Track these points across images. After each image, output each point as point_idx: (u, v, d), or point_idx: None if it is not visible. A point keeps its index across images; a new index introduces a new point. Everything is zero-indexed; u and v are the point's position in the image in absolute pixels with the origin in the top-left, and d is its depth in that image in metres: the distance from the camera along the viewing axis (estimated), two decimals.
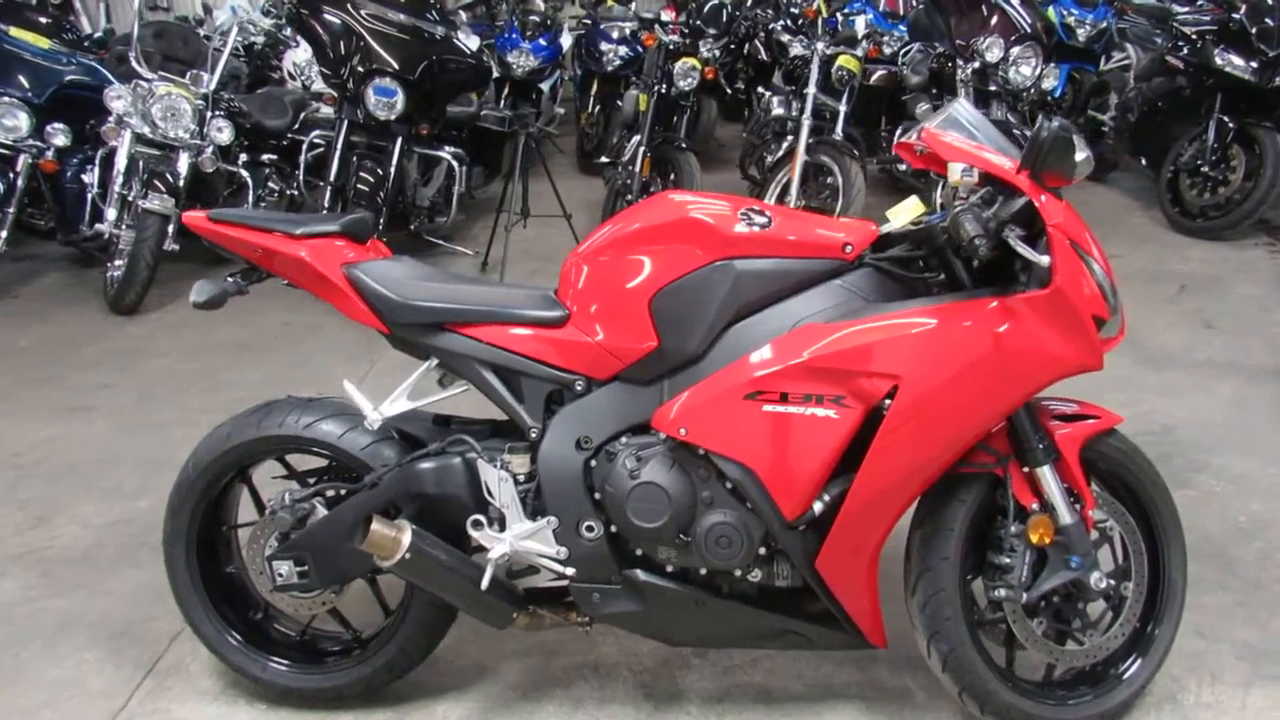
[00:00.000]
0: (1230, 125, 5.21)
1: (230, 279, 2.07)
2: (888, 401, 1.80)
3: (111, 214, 4.88)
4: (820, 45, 5.15)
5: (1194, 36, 5.49)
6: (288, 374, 4.07)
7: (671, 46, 5.59)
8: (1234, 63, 5.15)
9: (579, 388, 1.97)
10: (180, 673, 2.37)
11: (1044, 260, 1.73)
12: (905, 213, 1.97)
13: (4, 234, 4.97)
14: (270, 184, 5.75)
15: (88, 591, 2.70)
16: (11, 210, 4.99)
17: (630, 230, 1.94)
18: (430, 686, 2.29)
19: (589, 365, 1.95)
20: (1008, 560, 1.95)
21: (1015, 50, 4.97)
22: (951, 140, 1.82)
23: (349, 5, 5.01)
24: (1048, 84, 5.16)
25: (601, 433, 1.96)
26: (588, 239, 2.01)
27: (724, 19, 7.27)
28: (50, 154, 5.09)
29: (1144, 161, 5.87)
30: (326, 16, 5.00)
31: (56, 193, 5.26)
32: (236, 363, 4.21)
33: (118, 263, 4.86)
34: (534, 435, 1.98)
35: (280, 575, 2.08)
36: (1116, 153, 6.26)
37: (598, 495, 1.96)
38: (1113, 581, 2.02)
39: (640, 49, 6.74)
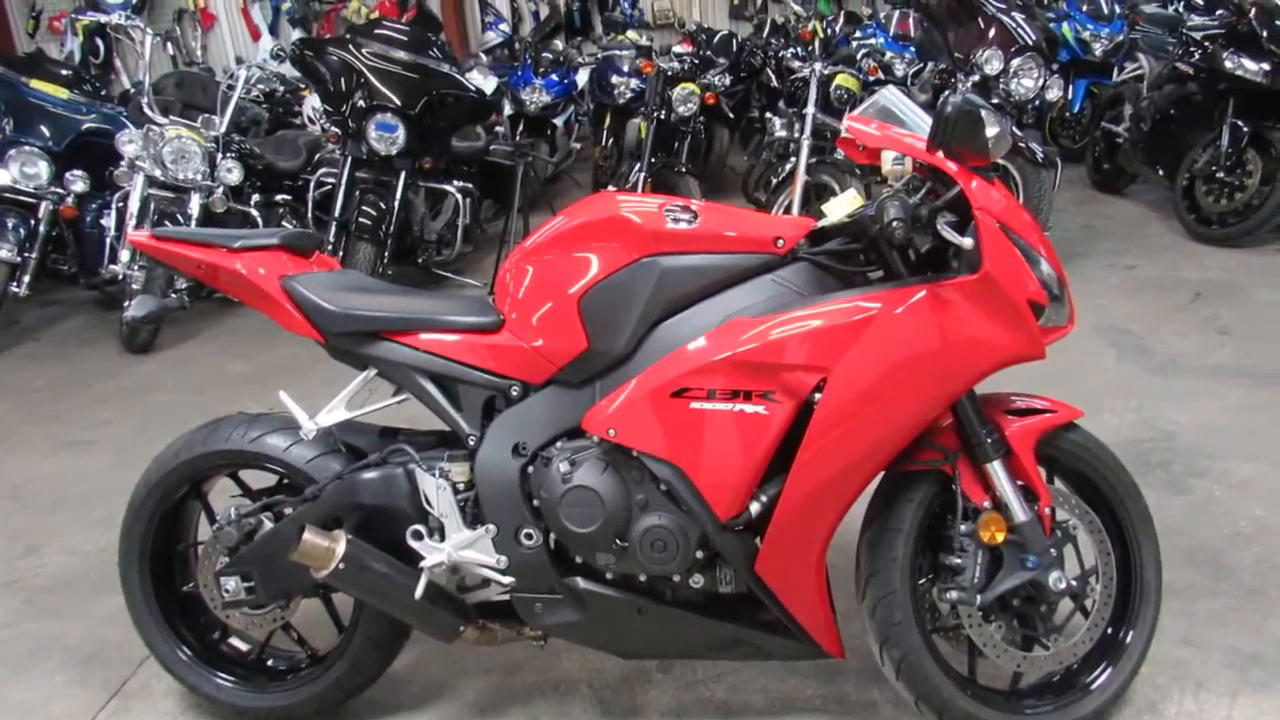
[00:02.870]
0: (1244, 129, 5.07)
1: (173, 294, 2.10)
2: (818, 396, 1.75)
3: (125, 255, 4.96)
4: (818, 65, 5.14)
5: (1204, 41, 5.38)
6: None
7: (670, 73, 5.61)
8: (1245, 66, 5.02)
9: (515, 393, 1.94)
10: (145, 694, 2.37)
11: (966, 243, 1.68)
12: (843, 206, 1.93)
13: (27, 279, 5.09)
14: (284, 223, 5.85)
15: (67, 617, 2.72)
16: (34, 256, 5.11)
17: (560, 231, 1.92)
18: (387, 705, 2.26)
19: (524, 370, 1.93)
20: (959, 560, 1.87)
21: (1016, 62, 4.90)
22: (871, 129, 1.78)
23: (350, 45, 5.12)
24: (1051, 95, 5.07)
25: (537, 438, 1.93)
26: (523, 242, 2.00)
27: (733, 49, 7.33)
28: (70, 200, 5.22)
29: (1160, 171, 5.73)
30: (329, 56, 5.10)
31: (77, 238, 5.38)
32: (239, 396, 4.26)
33: (131, 303, 4.96)
34: (472, 443, 1.96)
35: (228, 591, 2.08)
36: (1132, 164, 6.13)
37: (535, 502, 1.93)
38: (1075, 583, 1.93)
39: None
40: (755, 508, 1.82)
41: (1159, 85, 5.88)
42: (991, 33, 4.94)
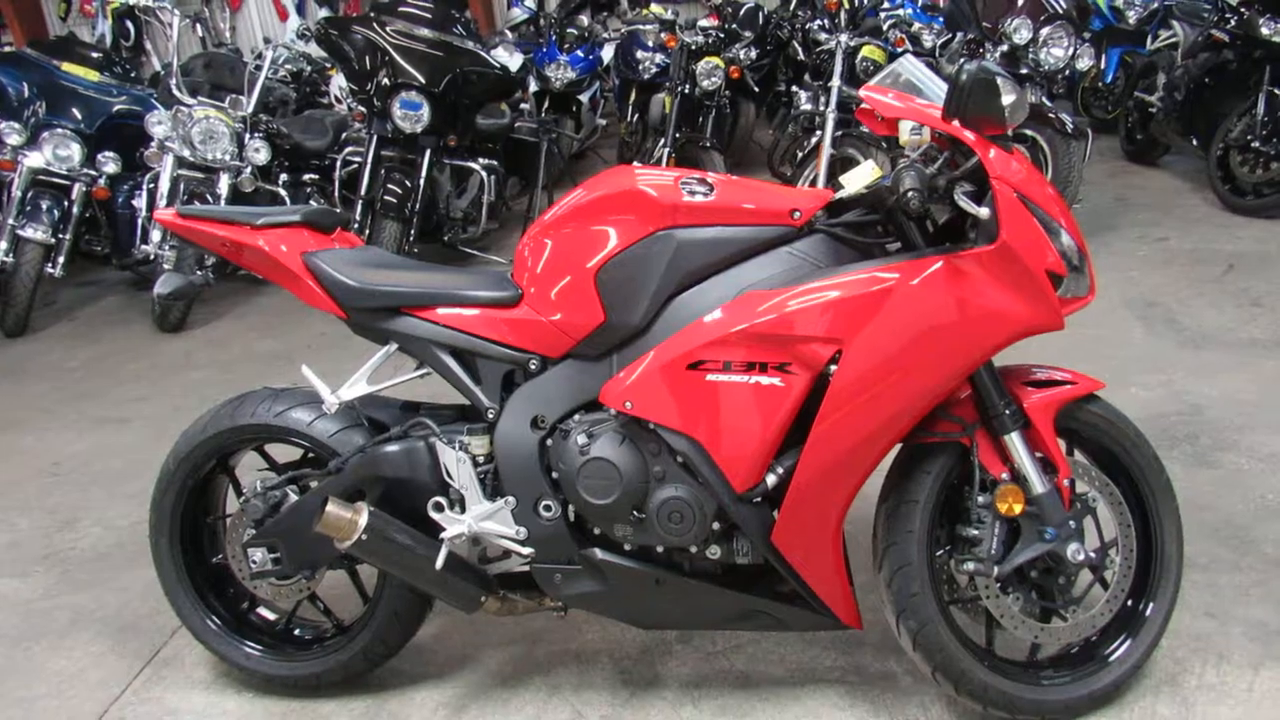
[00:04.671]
0: None
1: (198, 272, 2.13)
2: (833, 368, 1.75)
3: (156, 235, 5.03)
4: (843, 37, 5.08)
5: (1240, 7, 5.26)
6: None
7: (694, 47, 5.57)
8: None
9: (533, 367, 1.96)
10: (177, 663, 2.43)
11: (983, 212, 1.67)
12: (861, 177, 1.92)
13: (62, 259, 5.17)
14: (311, 202, 5.90)
15: (102, 588, 2.79)
16: (68, 236, 5.19)
17: (577, 205, 1.92)
18: (411, 674, 2.30)
19: (542, 344, 1.94)
20: (976, 532, 1.87)
21: (1045, 31, 4.82)
22: (888, 99, 1.77)
23: (375, 23, 5.13)
24: (1082, 64, 4.99)
25: (556, 411, 1.95)
26: (542, 216, 2.01)
27: (759, 22, 7.27)
28: (102, 181, 5.30)
29: (1194, 141, 5.63)
30: (354, 35, 5.12)
31: (110, 219, 5.47)
32: (268, 373, 4.32)
33: (157, 281, 5.02)
34: (491, 416, 1.98)
35: (255, 562, 2.12)
36: (1166, 135, 6.02)
37: (554, 474, 1.95)
38: (1094, 555, 1.92)
39: None
40: (771, 479, 1.83)
41: (1194, 53, 5.76)
42: (1020, 1, 4.86)
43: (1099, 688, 1.97)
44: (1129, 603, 2.02)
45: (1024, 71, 4.93)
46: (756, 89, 6.96)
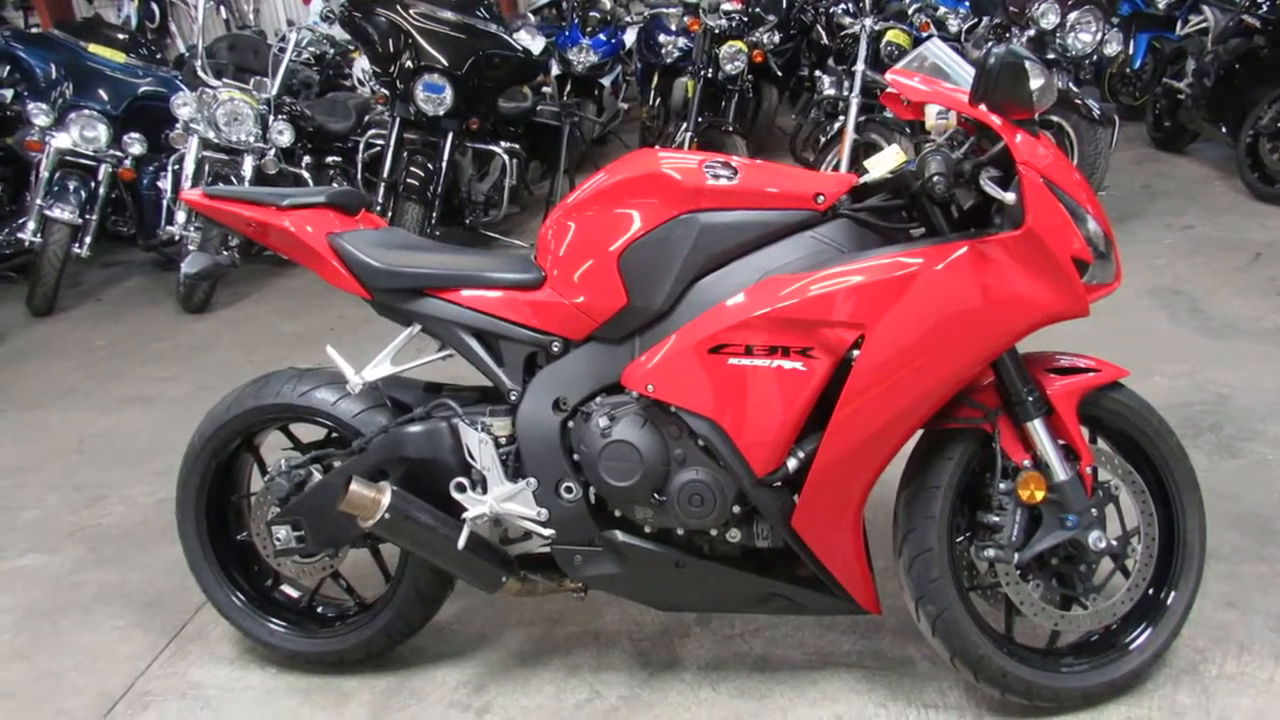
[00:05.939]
0: None
1: (225, 252, 2.15)
2: (856, 352, 1.75)
3: (181, 216, 5.06)
4: (868, 21, 5.04)
5: None
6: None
7: (717, 31, 5.55)
8: None
9: (556, 349, 1.97)
10: (201, 639, 2.47)
11: (1009, 197, 1.66)
12: (885, 162, 1.92)
13: (89, 240, 5.22)
14: (334, 184, 5.92)
15: (128, 565, 2.83)
16: (94, 217, 5.24)
17: (601, 188, 1.93)
18: (433, 653, 2.33)
19: (565, 326, 1.95)
20: (997, 519, 1.87)
21: (1073, 15, 4.77)
22: (914, 82, 1.76)
23: (398, 6, 5.14)
24: (1110, 50, 4.94)
25: (578, 393, 1.96)
26: (564, 199, 2.01)
27: (783, 5, 7.22)
28: (128, 163, 5.33)
29: (1223, 128, 5.56)
30: (377, 18, 5.13)
31: (136, 200, 5.51)
32: (290, 354, 4.35)
33: (184, 261, 5.06)
34: (514, 398, 2.00)
35: (278, 540, 2.15)
36: (1194, 122, 5.95)
37: (575, 456, 1.96)
38: (1115, 543, 1.91)
39: None
40: (792, 463, 1.83)
41: (1224, 39, 5.68)
42: None
43: (1118, 676, 1.96)
44: (1150, 591, 2.01)
45: (1051, 56, 4.88)
46: (780, 74, 6.93)
